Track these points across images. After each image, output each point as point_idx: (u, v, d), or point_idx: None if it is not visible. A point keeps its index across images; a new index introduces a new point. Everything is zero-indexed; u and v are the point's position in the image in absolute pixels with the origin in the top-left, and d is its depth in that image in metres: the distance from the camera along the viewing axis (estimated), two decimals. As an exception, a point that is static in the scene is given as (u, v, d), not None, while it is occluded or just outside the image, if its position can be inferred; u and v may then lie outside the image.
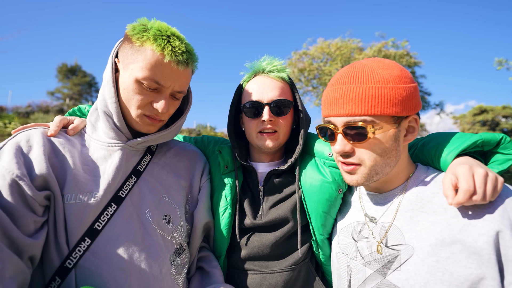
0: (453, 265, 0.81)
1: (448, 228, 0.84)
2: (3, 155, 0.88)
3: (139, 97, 0.99)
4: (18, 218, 0.83)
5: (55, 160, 0.95)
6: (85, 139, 1.06)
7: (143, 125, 1.05)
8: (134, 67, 0.97)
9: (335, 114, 0.93)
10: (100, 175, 0.99)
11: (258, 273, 1.17)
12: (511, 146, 0.90)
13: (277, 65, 1.24)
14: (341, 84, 0.93)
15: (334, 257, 1.13)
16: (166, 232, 1.06)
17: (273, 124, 1.19)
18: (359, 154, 0.92)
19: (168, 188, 1.14)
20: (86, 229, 0.92)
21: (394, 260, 0.92)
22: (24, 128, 1.01)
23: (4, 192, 0.82)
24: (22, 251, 0.81)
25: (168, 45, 0.96)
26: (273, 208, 1.21)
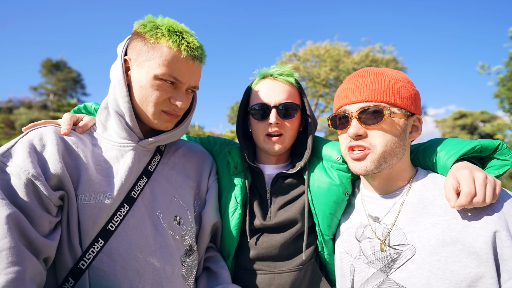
0: (453, 264, 0.84)
1: (449, 229, 0.88)
2: (16, 153, 0.85)
3: (157, 94, 0.99)
4: (34, 218, 0.80)
5: (68, 159, 0.92)
6: (96, 138, 1.04)
7: (162, 121, 1.04)
8: (151, 64, 0.97)
9: (351, 101, 1.00)
10: (113, 176, 0.97)
11: (267, 273, 1.18)
12: (507, 152, 0.94)
13: (285, 69, 1.25)
14: (358, 78, 1.03)
15: (337, 257, 1.16)
16: (177, 233, 1.05)
17: (280, 127, 1.20)
18: (371, 138, 0.97)
19: (178, 189, 1.13)
20: (99, 230, 0.91)
21: (397, 259, 0.95)
22: (34, 126, 0.97)
23: (20, 191, 0.80)
24: (39, 252, 0.79)
25: (183, 41, 0.97)
26: (281, 209, 1.23)
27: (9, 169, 0.81)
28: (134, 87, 1.01)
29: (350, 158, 1.03)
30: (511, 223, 0.82)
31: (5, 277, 0.68)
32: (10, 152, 0.85)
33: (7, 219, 0.73)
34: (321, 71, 17.43)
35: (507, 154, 0.93)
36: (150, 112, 1.01)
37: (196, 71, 1.03)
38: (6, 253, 0.71)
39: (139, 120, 1.05)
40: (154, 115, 1.02)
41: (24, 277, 0.72)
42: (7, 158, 0.83)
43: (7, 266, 0.70)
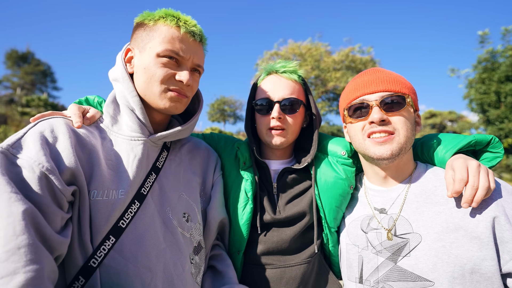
0: (457, 249, 0.90)
1: (451, 217, 0.94)
2: (27, 144, 0.79)
3: (161, 71, 0.97)
4: (48, 214, 0.76)
5: (81, 153, 0.88)
6: (104, 131, 1.00)
7: (170, 101, 1.01)
8: (152, 45, 0.98)
9: (370, 91, 1.05)
10: (123, 171, 0.94)
11: (277, 267, 1.19)
12: (499, 146, 1.03)
13: (290, 66, 1.27)
14: (371, 73, 1.11)
15: (344, 248, 1.19)
16: (186, 230, 1.04)
17: (282, 122, 1.22)
18: (394, 123, 1.02)
19: (186, 185, 1.11)
20: (111, 227, 0.87)
21: (404, 247, 1.00)
22: (42, 117, 0.92)
23: (34, 185, 0.74)
24: (53, 250, 0.75)
25: (181, 19, 1.00)
26: (289, 203, 1.24)
27: (20, 161, 0.76)
28: (139, 72, 1.00)
29: (372, 143, 1.03)
30: (508, 209, 0.89)
31: (25, 276, 0.64)
32: (20, 143, 0.79)
33: (23, 214, 0.68)
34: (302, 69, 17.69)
35: (499, 147, 1.02)
36: (157, 92, 0.99)
37: (199, 50, 1.05)
38: (24, 250, 0.66)
39: (149, 114, 1.03)
40: (160, 95, 0.99)
41: (43, 275, 0.68)
42: (17, 150, 0.78)
43: (26, 264, 0.66)
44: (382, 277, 1.02)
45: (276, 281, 1.18)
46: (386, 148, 1.01)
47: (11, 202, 0.69)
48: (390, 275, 1.00)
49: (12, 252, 0.65)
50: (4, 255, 0.65)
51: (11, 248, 0.66)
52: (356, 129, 1.09)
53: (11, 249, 0.66)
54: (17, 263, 0.65)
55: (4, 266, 0.64)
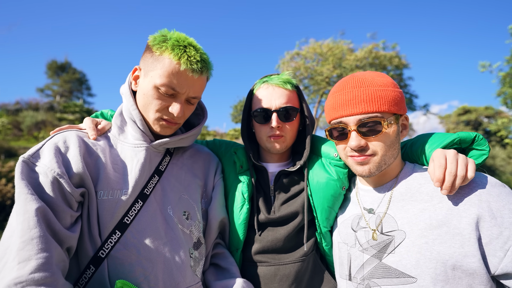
0: (439, 245, 0.91)
1: (435, 213, 0.95)
2: (43, 154, 0.95)
3: (157, 102, 1.07)
4: (58, 212, 0.90)
5: (89, 159, 1.01)
6: (111, 140, 1.13)
7: (161, 127, 1.12)
8: (153, 75, 1.05)
9: (347, 114, 1.03)
10: (128, 174, 1.06)
11: (272, 265, 1.24)
12: (484, 143, 1.02)
13: (284, 76, 1.32)
14: (349, 89, 1.05)
15: (336, 247, 1.22)
16: (186, 227, 1.13)
17: (281, 130, 1.28)
18: (372, 147, 1.03)
19: (187, 187, 1.22)
20: (116, 223, 0.99)
21: (389, 244, 1.01)
22: (60, 130, 1.08)
23: (47, 188, 0.89)
24: (62, 243, 0.88)
25: (184, 55, 1.03)
26: (284, 204, 1.30)
27: (38, 169, 0.91)
28: (140, 94, 1.11)
29: (353, 162, 1.08)
30: (493, 202, 0.89)
31: (36, 262, 0.78)
32: (38, 153, 0.95)
33: (36, 211, 0.83)
34: (324, 69, 17.35)
35: (484, 144, 1.01)
36: (151, 118, 1.10)
37: (196, 83, 1.09)
38: (36, 241, 0.80)
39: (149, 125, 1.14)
40: (154, 121, 1.11)
41: (52, 262, 0.81)
42: (36, 159, 0.93)
43: (37, 252, 0.79)
44: (367, 274, 1.04)
45: (270, 278, 1.23)
46: (365, 168, 1.05)
47: (27, 202, 0.84)
48: (375, 272, 1.02)
49: (27, 242, 0.79)
50: (21, 244, 0.79)
51: (26, 239, 0.79)
52: (339, 149, 1.14)
53: (26, 239, 0.79)
54: (30, 251, 0.78)
55: (21, 254, 0.78)
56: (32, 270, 0.77)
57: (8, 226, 0.84)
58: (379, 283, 1.00)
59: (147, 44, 1.09)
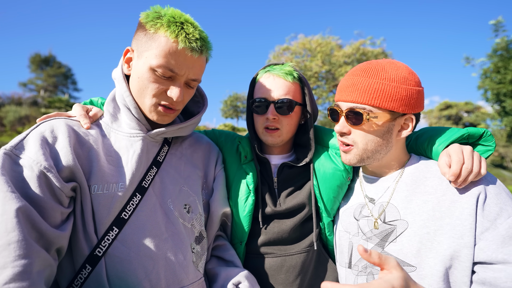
0: (440, 236, 0.92)
1: (438, 205, 0.96)
2: (28, 145, 0.84)
3: (153, 86, 0.96)
4: (46, 210, 0.80)
5: (80, 151, 0.92)
6: (104, 129, 1.03)
7: (158, 115, 1.02)
8: (148, 55, 0.94)
9: (343, 99, 1.06)
10: (123, 166, 0.97)
11: (278, 256, 1.22)
12: (491, 139, 1.03)
13: (287, 67, 1.26)
14: (354, 76, 1.05)
15: (337, 235, 1.23)
16: (187, 221, 1.07)
17: (276, 122, 1.23)
18: (353, 136, 1.05)
19: (186, 178, 1.14)
20: (113, 219, 0.92)
21: (391, 233, 1.02)
22: (47, 118, 0.96)
23: (32, 183, 0.79)
24: (50, 244, 0.79)
25: (182, 32, 0.93)
26: (289, 196, 1.27)
27: (22, 161, 0.81)
28: (134, 77, 0.99)
29: (340, 149, 1.13)
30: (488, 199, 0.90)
31: (12, 270, 0.68)
32: (22, 144, 0.84)
33: (16, 212, 0.73)
34: (313, 64, 17.44)
35: (491, 141, 1.02)
36: (147, 104, 0.99)
37: (196, 64, 0.99)
38: (14, 246, 0.70)
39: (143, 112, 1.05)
40: (150, 108, 1.00)
41: (31, 270, 0.72)
42: (20, 150, 0.82)
43: (14, 260, 0.69)
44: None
45: (277, 269, 1.21)
46: (346, 157, 1.10)
47: (6, 201, 0.73)
48: None
49: (3, 248, 0.70)
50: None
51: (2, 244, 0.70)
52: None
53: (2, 245, 0.70)
54: (6, 258, 0.69)
55: None
56: (7, 280, 0.67)
57: None
58: None
59: (139, 21, 0.98)
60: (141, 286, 0.90)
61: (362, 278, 1.05)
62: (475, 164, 0.92)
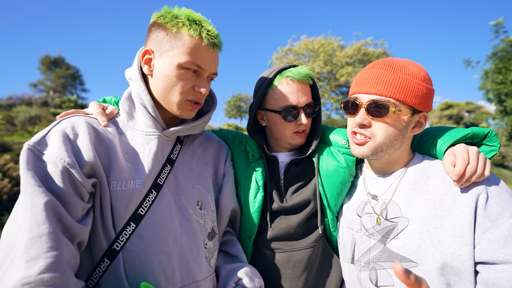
0: (441, 234, 0.92)
1: (440, 204, 0.96)
2: (51, 141, 0.85)
3: (182, 83, 0.99)
4: (70, 204, 0.82)
5: (99, 148, 0.93)
6: (120, 127, 1.04)
7: (186, 110, 1.05)
8: (174, 53, 0.97)
9: (364, 91, 1.03)
10: (140, 163, 0.99)
11: (285, 251, 1.23)
12: (495, 139, 1.02)
13: (303, 71, 1.25)
14: (376, 69, 1.05)
15: (340, 232, 1.24)
16: (200, 217, 1.08)
17: (306, 125, 1.27)
18: (373, 129, 1.03)
19: (198, 176, 1.16)
20: (131, 214, 0.93)
21: (392, 230, 1.03)
22: (66, 115, 0.98)
23: (56, 179, 0.81)
24: (74, 237, 0.81)
25: (204, 29, 0.97)
26: (296, 193, 1.28)
27: (45, 157, 0.82)
28: (158, 77, 1.01)
29: (352, 141, 1.09)
30: (490, 199, 0.89)
31: (45, 261, 0.71)
32: (44, 140, 0.85)
33: (45, 206, 0.75)
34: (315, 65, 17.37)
35: (495, 141, 1.01)
36: (175, 101, 1.01)
37: (216, 58, 1.04)
38: (45, 238, 0.72)
39: (160, 110, 1.06)
40: (178, 104, 1.02)
41: (62, 261, 0.74)
42: (43, 147, 0.84)
43: (46, 251, 0.72)
44: (373, 258, 1.05)
45: (284, 264, 1.22)
46: (359, 149, 1.07)
47: (34, 195, 0.75)
48: (381, 256, 1.04)
49: (36, 240, 0.72)
50: (29, 242, 0.71)
51: (35, 236, 0.72)
52: (348, 122, 1.14)
53: (35, 236, 0.72)
54: (39, 249, 0.71)
55: (29, 252, 0.70)
56: (41, 270, 0.69)
57: (13, 220, 0.76)
58: (385, 266, 1.02)
59: (156, 22, 1.00)
60: (156, 280, 0.92)
61: (365, 273, 1.06)
62: (479, 165, 0.91)
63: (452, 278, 0.90)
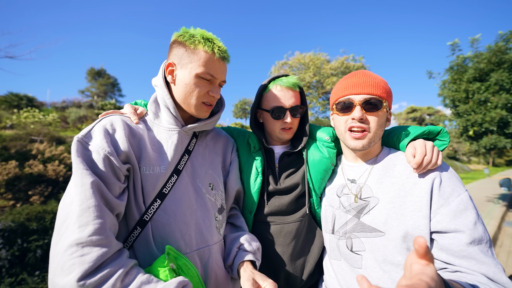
0: (404, 210, 0.93)
1: (403, 186, 0.97)
2: (95, 135, 0.87)
3: (199, 89, 1.00)
4: (110, 184, 0.83)
5: (132, 140, 0.94)
6: (148, 124, 1.05)
7: (201, 111, 1.06)
8: (193, 66, 0.97)
9: (356, 93, 1.02)
10: (164, 153, 1.00)
11: (278, 224, 1.25)
12: (446, 135, 1.03)
13: (294, 79, 1.27)
14: (358, 77, 1.06)
15: (323, 209, 1.24)
16: (211, 196, 1.10)
17: (291, 124, 1.26)
18: (369, 122, 1.02)
19: (210, 163, 1.17)
20: (157, 193, 0.94)
21: (365, 207, 1.03)
22: (106, 114, 1.00)
23: (99, 164, 0.83)
24: (113, 209, 0.83)
25: (216, 46, 0.98)
26: (288, 178, 1.29)
27: (91, 147, 0.84)
28: (180, 85, 1.02)
29: (350, 137, 1.04)
30: (443, 182, 0.91)
31: (93, 227, 0.73)
32: (90, 134, 0.87)
33: (91, 184, 0.77)
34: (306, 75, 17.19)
35: (446, 137, 1.03)
36: (193, 103, 1.03)
37: (225, 69, 1.05)
38: (92, 209, 0.75)
39: (180, 111, 1.08)
40: (196, 106, 1.03)
41: (106, 227, 0.76)
42: (88, 139, 0.86)
43: (94, 219, 0.74)
44: (349, 229, 1.06)
45: (277, 233, 1.23)
46: (359, 143, 1.04)
47: (83, 176, 0.77)
48: (355, 227, 1.04)
49: (85, 210, 0.74)
50: (80, 212, 0.73)
51: (84, 207, 0.74)
52: (340, 121, 1.10)
53: (84, 208, 0.74)
54: (88, 218, 0.73)
55: (80, 219, 0.73)
56: (90, 233, 0.71)
57: (67, 195, 0.78)
58: (358, 236, 1.03)
59: (176, 40, 1.00)
60: (178, 244, 0.94)
61: (342, 241, 1.08)
62: (434, 156, 0.93)
63: (411, 244, 0.91)
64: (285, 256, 1.22)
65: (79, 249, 0.69)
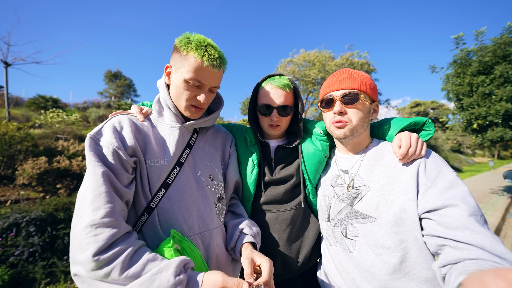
0: (393, 196, 0.94)
1: (391, 174, 0.98)
2: (105, 132, 0.93)
3: (187, 93, 1.02)
4: (118, 175, 0.89)
5: (138, 136, 0.99)
6: (153, 122, 1.10)
7: (190, 113, 1.08)
8: (183, 71, 0.99)
9: (335, 89, 1.06)
10: (167, 147, 1.04)
11: (274, 212, 1.27)
12: (431, 126, 1.04)
13: (284, 80, 1.27)
14: (339, 74, 1.09)
15: (319, 199, 1.25)
16: (211, 186, 1.13)
17: (278, 121, 1.27)
18: (349, 114, 1.05)
19: (210, 157, 1.20)
20: (161, 183, 0.99)
21: (358, 195, 1.05)
22: (115, 114, 1.05)
23: (109, 157, 0.88)
24: (122, 197, 0.88)
25: (206, 53, 0.97)
26: (283, 169, 1.30)
27: (101, 143, 0.90)
28: (173, 86, 1.05)
29: (334, 127, 1.08)
30: (428, 166, 0.92)
31: (105, 210, 0.78)
32: (101, 131, 0.93)
33: (102, 174, 0.83)
34: (311, 72, 16.90)
35: (431, 127, 1.04)
36: (182, 105, 1.06)
37: (216, 76, 1.03)
38: (103, 195, 0.80)
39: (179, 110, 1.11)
40: (185, 108, 1.06)
41: (115, 210, 0.81)
42: (99, 135, 0.92)
43: (105, 204, 0.79)
44: (344, 217, 1.08)
45: (273, 221, 1.26)
46: (341, 132, 1.07)
47: (95, 167, 0.83)
48: (349, 215, 1.06)
49: (97, 196, 0.79)
50: (93, 197, 0.79)
51: (96, 194, 0.79)
52: (326, 116, 1.13)
53: (96, 194, 0.79)
54: (99, 202, 0.79)
55: (94, 204, 0.78)
56: (102, 216, 0.77)
57: (83, 184, 0.84)
58: (352, 222, 1.05)
59: (175, 45, 1.02)
60: (181, 228, 0.98)
61: (338, 228, 1.10)
62: (418, 148, 0.94)
63: (400, 228, 0.92)
64: (281, 241, 1.25)
65: (93, 230, 0.75)
